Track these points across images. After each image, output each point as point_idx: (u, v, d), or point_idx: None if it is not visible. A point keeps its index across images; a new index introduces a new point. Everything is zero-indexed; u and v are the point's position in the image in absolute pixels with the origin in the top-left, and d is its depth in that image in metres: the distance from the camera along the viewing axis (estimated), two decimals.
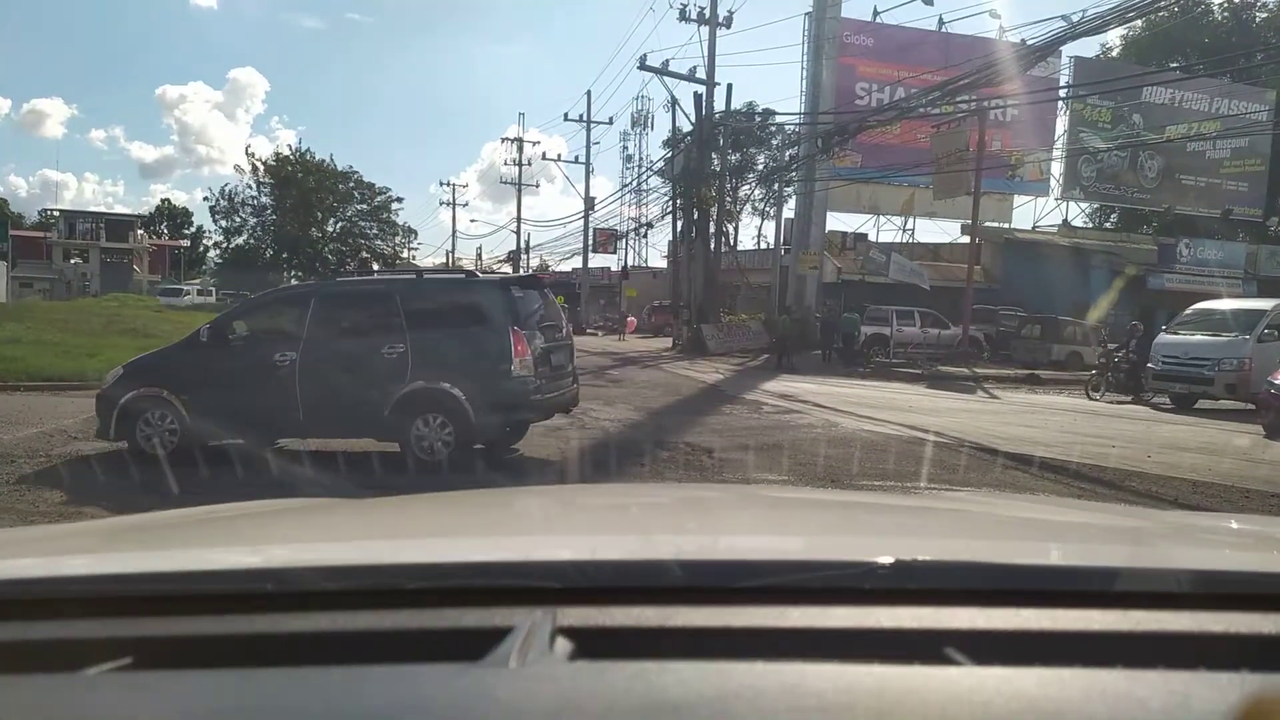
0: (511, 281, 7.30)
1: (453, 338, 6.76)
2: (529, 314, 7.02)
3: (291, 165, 44.34)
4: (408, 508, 1.83)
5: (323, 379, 6.68)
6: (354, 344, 6.84)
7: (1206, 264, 26.75)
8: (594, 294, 46.32)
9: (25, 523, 4.53)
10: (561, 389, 7.35)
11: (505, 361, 6.55)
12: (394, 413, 6.58)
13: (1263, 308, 14.22)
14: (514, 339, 6.58)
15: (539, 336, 6.94)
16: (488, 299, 6.84)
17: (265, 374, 6.73)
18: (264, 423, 6.81)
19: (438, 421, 6.59)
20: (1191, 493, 6.56)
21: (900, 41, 28.06)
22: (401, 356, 6.61)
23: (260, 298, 8.79)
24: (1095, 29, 15.70)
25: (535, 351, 6.73)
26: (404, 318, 6.72)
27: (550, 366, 7.09)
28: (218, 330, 7.20)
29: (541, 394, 6.85)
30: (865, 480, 6.67)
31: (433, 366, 6.59)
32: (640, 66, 27.36)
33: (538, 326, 7.04)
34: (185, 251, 69.60)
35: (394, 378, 6.58)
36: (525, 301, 7.07)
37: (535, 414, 7.10)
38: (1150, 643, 0.79)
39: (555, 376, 7.20)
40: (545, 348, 7.01)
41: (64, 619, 0.83)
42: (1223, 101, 31.67)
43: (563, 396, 7.42)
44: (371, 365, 6.66)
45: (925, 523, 1.53)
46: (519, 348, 6.57)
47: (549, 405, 7.18)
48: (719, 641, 0.78)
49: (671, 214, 30.12)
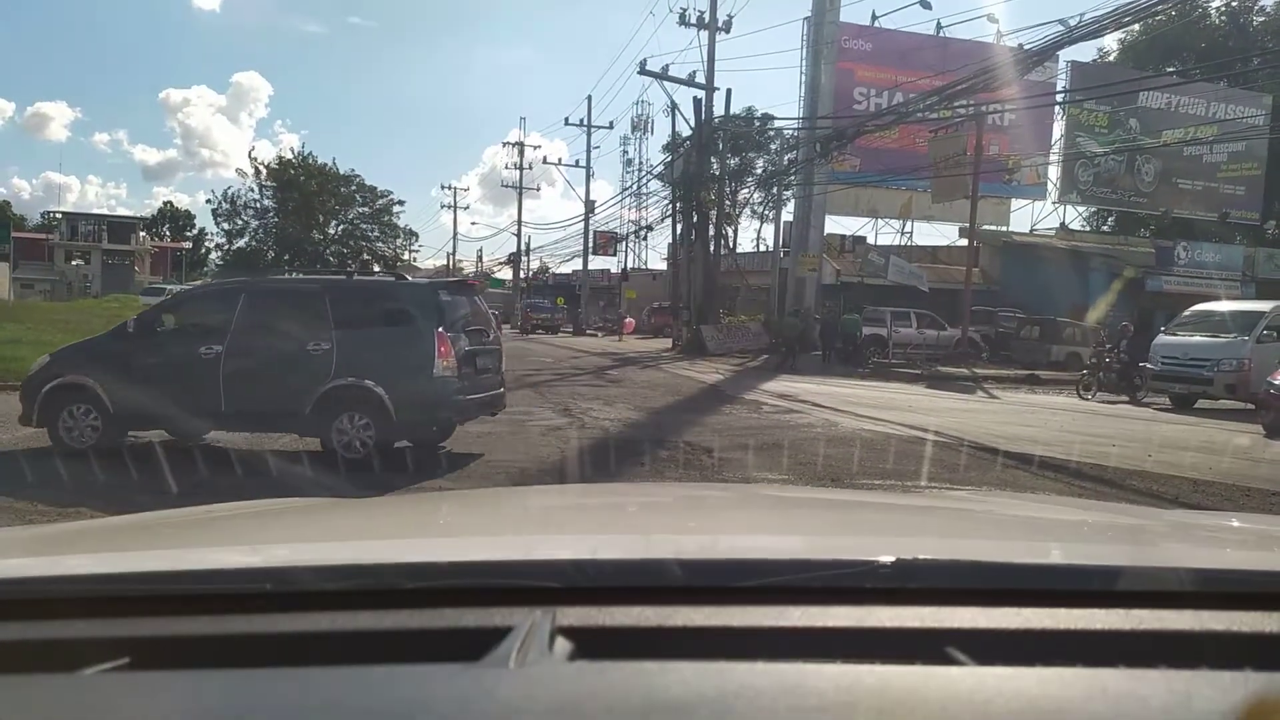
0: (439, 285, 7.47)
1: (378, 338, 6.90)
2: (456, 317, 7.17)
3: (294, 168, 44.38)
4: (407, 508, 1.83)
5: (247, 373, 6.78)
6: (279, 340, 6.93)
7: (1204, 266, 26.77)
8: (594, 295, 46.33)
9: (24, 522, 4.51)
10: (487, 391, 7.49)
11: (428, 363, 6.68)
12: (316, 409, 6.69)
13: (1261, 309, 14.26)
14: (438, 341, 6.72)
15: (464, 339, 7.09)
16: (414, 301, 7.00)
17: (190, 366, 6.84)
18: (187, 414, 6.91)
19: (359, 419, 6.70)
20: (1192, 491, 6.56)
21: (898, 46, 28.08)
22: (326, 354, 6.73)
23: (190, 291, 8.88)
24: (1092, 34, 15.73)
25: (459, 354, 6.88)
26: (331, 317, 6.84)
27: (475, 369, 7.23)
28: (145, 322, 7.35)
29: (464, 395, 6.98)
30: (865, 479, 6.66)
31: (357, 365, 6.71)
32: (640, 71, 27.42)
33: (464, 330, 7.20)
34: (187, 254, 69.63)
35: (318, 375, 6.69)
36: (453, 305, 7.25)
37: (457, 415, 7.23)
38: (1152, 642, 0.79)
39: (480, 379, 7.34)
40: (471, 350, 7.16)
41: (63, 619, 0.82)
42: (1220, 106, 31.68)
43: (488, 398, 7.56)
44: (296, 361, 6.77)
45: (926, 522, 1.53)
46: (442, 349, 6.71)
47: (472, 406, 7.32)
48: (719, 641, 0.77)
49: (671, 217, 30.16)
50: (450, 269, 71.12)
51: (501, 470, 6.69)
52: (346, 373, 6.68)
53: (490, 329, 7.83)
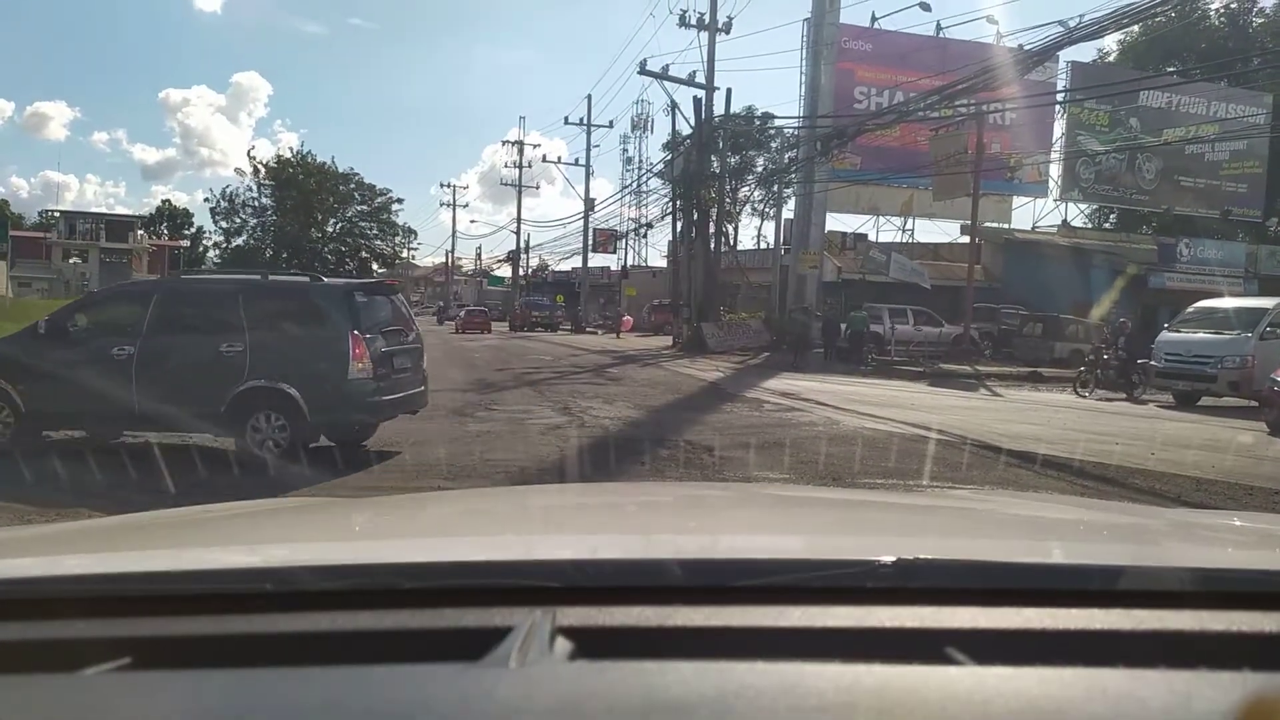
0: (355, 287, 7.49)
1: (292, 339, 6.96)
2: (372, 318, 7.23)
3: (292, 167, 44.41)
4: (407, 507, 1.83)
5: (159, 373, 6.81)
6: (193, 340, 6.98)
7: (1207, 263, 26.77)
8: (594, 293, 46.34)
9: (23, 522, 4.52)
10: (406, 391, 7.52)
11: (342, 364, 6.73)
12: (230, 409, 6.72)
13: (1265, 306, 14.25)
14: (352, 342, 6.76)
15: (381, 340, 7.14)
16: (328, 303, 7.04)
17: (102, 366, 6.86)
18: (100, 413, 6.96)
19: (274, 420, 6.74)
20: (1194, 490, 6.55)
21: (898, 47, 28.06)
22: (240, 355, 6.77)
23: (104, 291, 8.85)
24: (1092, 34, 15.71)
25: (375, 355, 6.92)
26: (245, 318, 6.88)
27: (393, 369, 7.28)
28: (56, 322, 7.37)
29: (380, 396, 7.02)
30: (867, 478, 6.66)
31: (271, 366, 6.76)
32: (640, 71, 27.44)
33: (382, 331, 7.25)
34: (185, 252, 69.70)
35: (231, 375, 6.73)
36: (369, 306, 7.31)
37: (373, 415, 7.28)
38: (1152, 641, 0.78)
39: (398, 379, 7.39)
40: (388, 351, 7.22)
41: (63, 619, 0.82)
42: (1220, 105, 31.65)
43: (408, 399, 7.60)
44: (209, 362, 6.81)
45: (927, 521, 1.53)
46: (357, 351, 6.75)
47: (389, 407, 7.37)
48: (719, 641, 0.77)
49: (671, 214, 30.17)
50: (449, 266, 71.27)
51: (501, 470, 6.69)
52: (260, 374, 6.73)
53: (410, 330, 7.89)
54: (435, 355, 21.15)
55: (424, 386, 7.92)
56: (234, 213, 45.45)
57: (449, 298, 60.53)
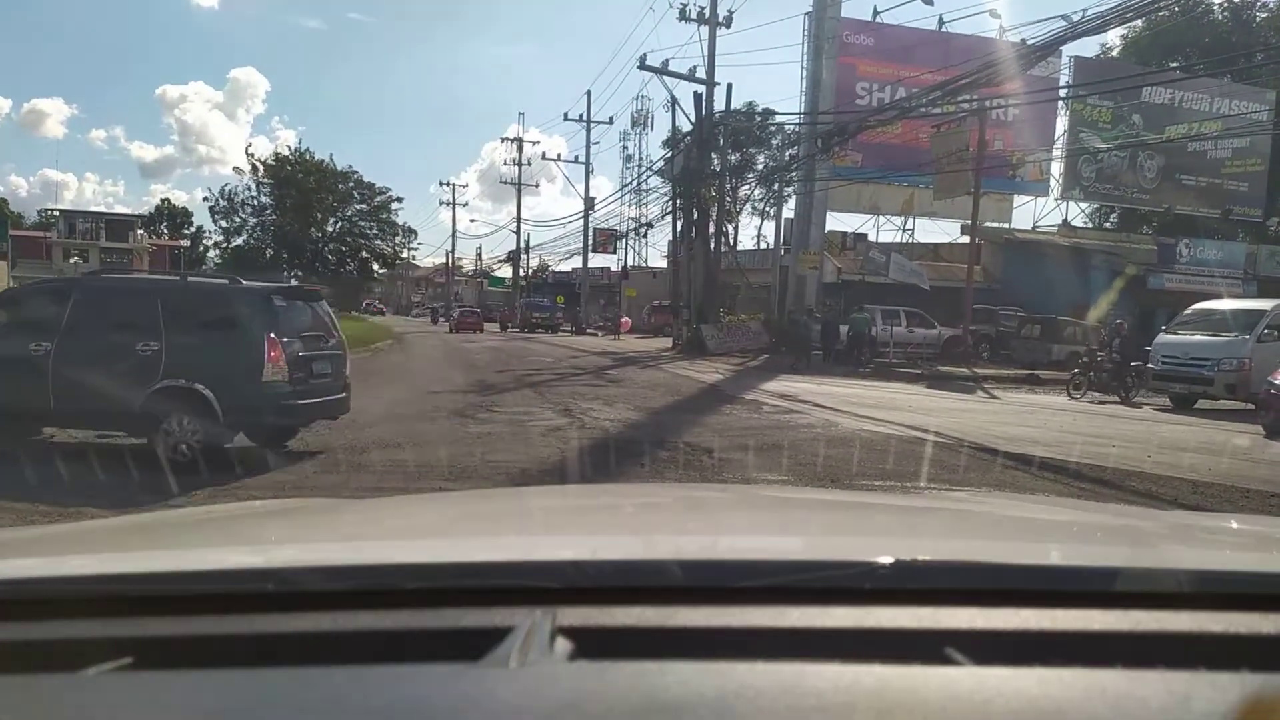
0: (274, 291, 7.52)
1: (208, 341, 6.99)
2: (291, 323, 7.27)
3: (291, 165, 44.35)
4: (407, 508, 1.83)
5: (75, 371, 6.82)
6: (110, 339, 6.98)
7: (1206, 264, 26.76)
8: (594, 294, 46.32)
9: (24, 522, 4.52)
10: (324, 396, 7.55)
11: (257, 367, 6.78)
12: (144, 408, 6.75)
13: (1263, 308, 14.23)
14: (268, 346, 6.81)
15: (299, 345, 7.18)
16: (246, 306, 7.09)
17: (17, 362, 6.89)
18: (15, 409, 6.98)
19: (187, 420, 6.77)
20: (1191, 493, 6.55)
21: (900, 41, 28.06)
22: (155, 355, 6.80)
23: (22, 289, 8.83)
24: (1095, 29, 15.71)
25: (291, 359, 6.97)
26: (162, 318, 6.91)
27: (311, 374, 7.32)
28: None
29: (295, 400, 7.06)
30: (865, 480, 6.66)
31: (186, 367, 6.80)
32: (640, 66, 27.40)
33: (301, 335, 7.29)
34: (185, 251, 69.65)
35: (146, 375, 6.76)
36: (288, 310, 7.36)
37: (287, 418, 7.32)
38: (1150, 642, 0.79)
39: (316, 383, 7.43)
40: (306, 356, 7.26)
41: (64, 619, 0.83)
42: (1223, 101, 31.64)
43: (327, 403, 7.63)
44: (125, 361, 6.82)
45: (925, 523, 1.54)
46: (273, 354, 6.81)
47: (305, 411, 7.41)
48: (719, 641, 0.78)
49: (671, 214, 30.15)
50: (450, 267, 71.21)
51: (502, 471, 6.69)
52: (175, 374, 6.76)
53: (331, 334, 7.91)
54: (436, 357, 21.25)
55: (346, 393, 7.94)
56: (233, 212, 45.39)
57: (449, 298, 60.52)
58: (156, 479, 5.93)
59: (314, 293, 8.40)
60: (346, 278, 48.93)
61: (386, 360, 20.12)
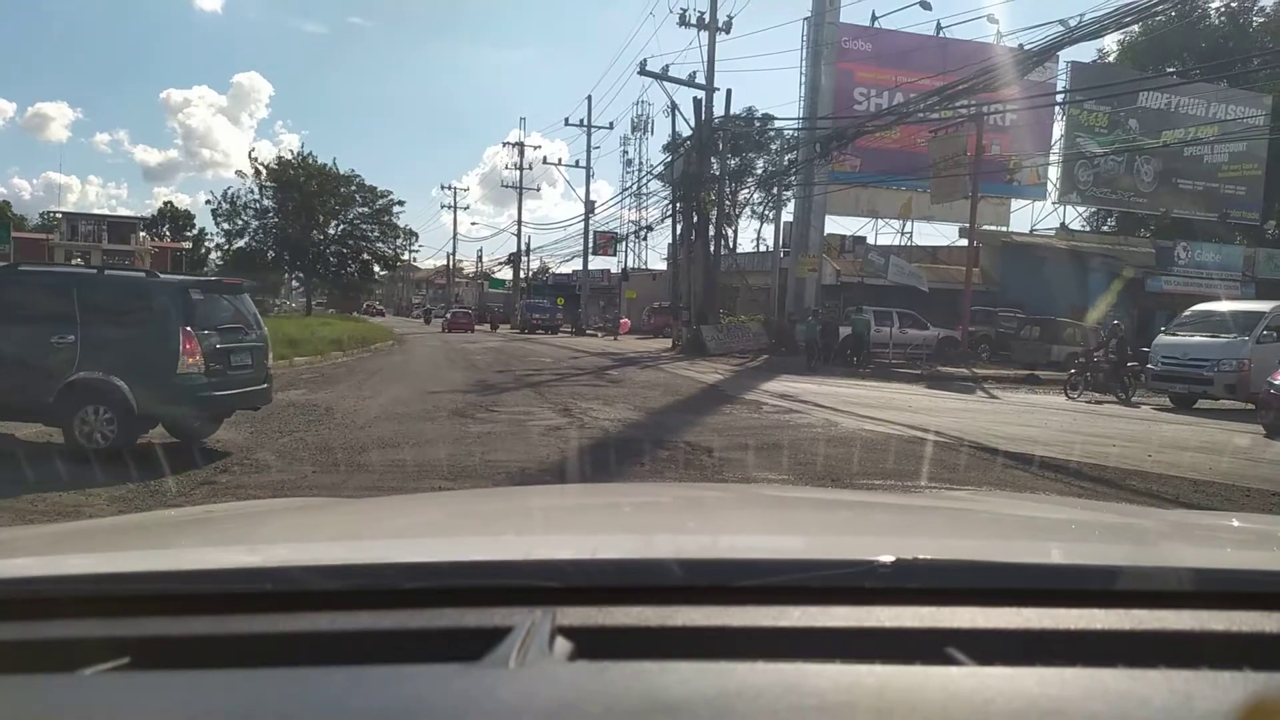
0: (190, 284, 7.57)
1: (124, 333, 7.02)
2: (209, 316, 7.33)
3: (294, 168, 44.30)
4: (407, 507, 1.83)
5: None
6: (24, 330, 7.02)
7: (1204, 266, 26.78)
8: (594, 296, 46.34)
9: (23, 522, 4.51)
10: (243, 388, 7.61)
11: (172, 359, 6.83)
12: (59, 399, 6.79)
13: (1261, 309, 14.27)
14: (184, 339, 6.85)
15: (217, 337, 7.23)
16: (162, 299, 7.12)
17: None
18: None
19: (102, 412, 6.81)
20: (1192, 491, 6.56)
21: (898, 47, 28.08)
22: (70, 346, 6.83)
23: None
24: (1092, 34, 15.72)
25: (208, 351, 7.02)
26: (78, 310, 6.94)
27: (229, 366, 7.39)
28: None
29: (212, 391, 7.12)
30: (865, 479, 6.66)
31: (100, 359, 6.83)
32: (640, 72, 27.43)
33: (219, 329, 7.36)
34: (187, 254, 69.61)
35: (61, 366, 6.80)
36: (206, 304, 7.41)
37: (203, 410, 7.36)
38: (1152, 641, 0.79)
39: (235, 375, 7.49)
40: (225, 348, 7.32)
41: (63, 618, 0.82)
42: (1220, 106, 31.67)
43: (246, 395, 7.70)
44: (39, 352, 6.86)
45: (926, 522, 1.53)
46: (188, 347, 6.86)
47: (222, 403, 7.47)
48: (719, 641, 0.77)
49: (671, 217, 30.17)
50: (450, 269, 71.24)
51: (502, 470, 6.69)
52: (90, 366, 6.80)
53: (252, 328, 7.96)
54: (436, 358, 21.26)
55: (266, 384, 8.02)
56: (235, 214, 45.17)
57: (450, 300, 60.59)
58: (156, 479, 5.93)
59: (236, 286, 8.51)
60: (347, 279, 48.88)
61: (387, 360, 20.13)
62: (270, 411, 9.62)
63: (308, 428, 8.65)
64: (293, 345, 18.04)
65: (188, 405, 7.05)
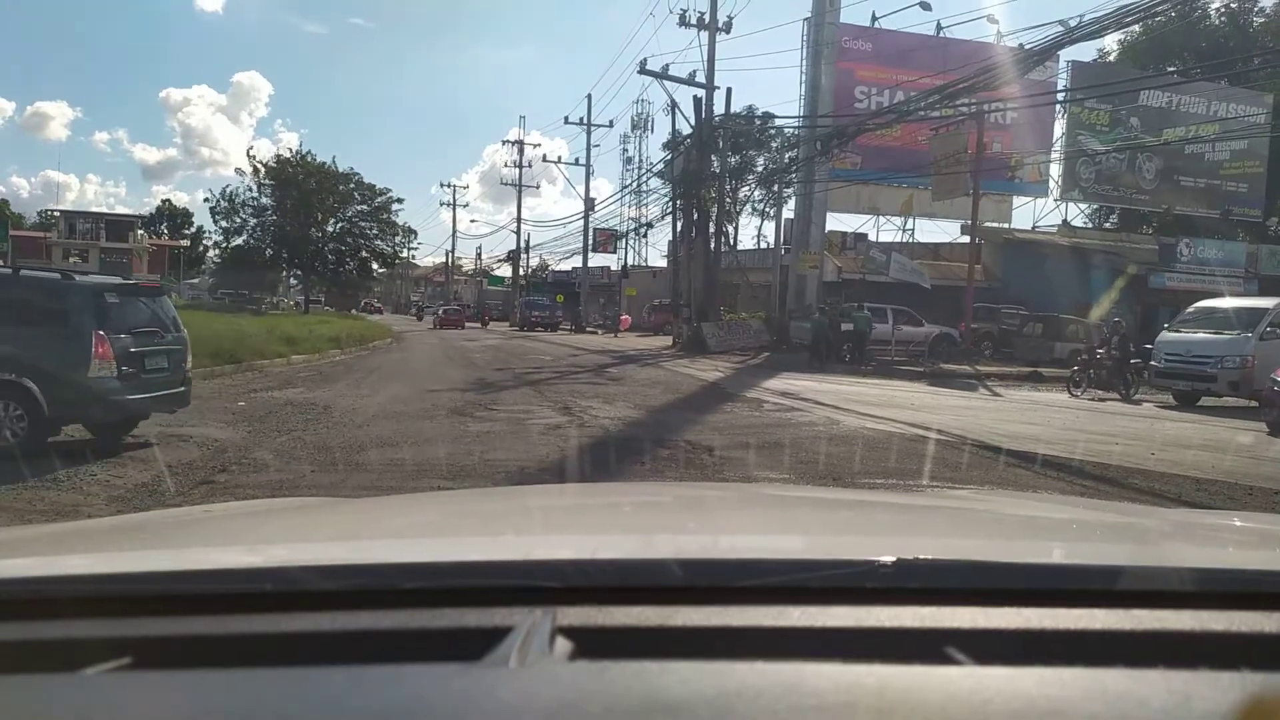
0: (105, 287, 7.57)
1: (34, 333, 7.03)
2: (124, 318, 7.34)
3: (292, 167, 44.28)
4: (407, 507, 1.83)
5: None
6: None
7: (1207, 263, 26.78)
8: (594, 293, 46.33)
9: (22, 522, 4.52)
10: (159, 391, 7.62)
11: (84, 361, 6.84)
12: None
13: (1265, 306, 14.26)
14: (95, 341, 6.86)
15: (131, 340, 7.24)
16: (74, 300, 7.13)
17: None
18: None
19: (13, 410, 6.82)
20: (1195, 490, 6.55)
21: (899, 46, 28.06)
22: None
23: None
24: (1093, 34, 15.70)
25: (121, 353, 7.03)
26: None
27: (143, 369, 7.39)
28: None
29: (125, 394, 7.13)
30: (867, 478, 6.66)
31: (11, 359, 6.84)
32: (641, 70, 27.45)
33: (135, 331, 7.36)
34: (185, 251, 69.65)
35: None
36: (121, 306, 7.42)
37: (115, 413, 7.37)
38: (1152, 642, 0.78)
39: (149, 378, 7.49)
40: (139, 351, 7.32)
41: (63, 619, 0.82)
42: (1220, 105, 31.65)
43: (162, 398, 7.70)
44: None
45: (926, 521, 1.53)
46: (100, 349, 6.87)
47: (135, 405, 7.48)
48: (719, 641, 0.77)
49: (671, 214, 30.18)
50: (449, 266, 71.24)
51: (501, 470, 6.69)
52: (1, 365, 6.81)
53: (170, 330, 7.97)
54: (435, 356, 21.26)
55: (184, 387, 8.03)
56: (234, 212, 45.17)
57: (449, 297, 60.61)
58: (155, 478, 5.93)
59: (154, 289, 8.46)
60: (346, 277, 48.88)
61: (385, 358, 20.15)
62: (268, 410, 9.63)
63: (306, 427, 8.66)
64: (290, 343, 18.04)
65: (99, 406, 7.06)
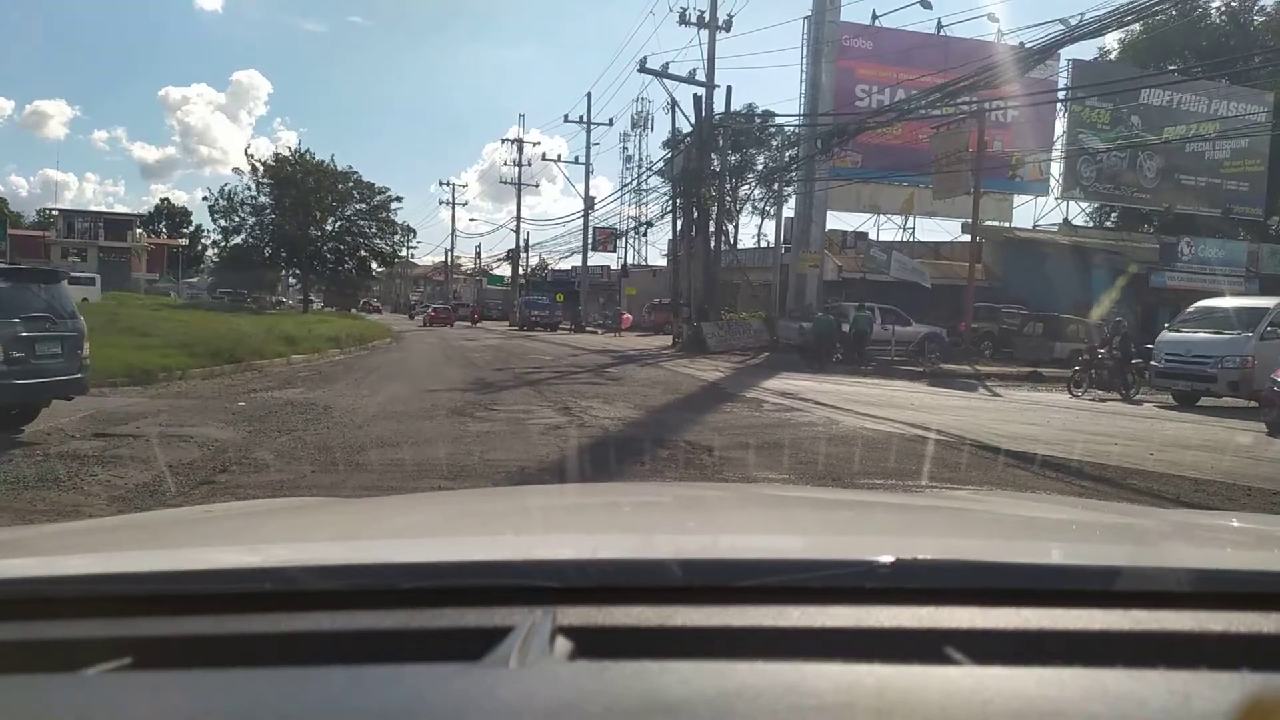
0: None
1: None
2: (13, 304, 7.38)
3: (291, 165, 44.26)
4: (407, 507, 1.83)
5: None
6: None
7: (1208, 262, 26.79)
8: (594, 292, 46.33)
9: (23, 522, 4.51)
10: (51, 377, 7.66)
11: None
12: None
13: (1265, 305, 14.25)
14: None
15: (20, 326, 7.29)
16: None
17: None
18: None
19: None
20: (1194, 491, 6.55)
21: (899, 45, 28.06)
22: None
23: None
24: (1093, 32, 15.75)
25: (8, 339, 7.09)
26: None
27: (33, 355, 7.45)
28: None
29: (13, 380, 7.17)
30: (866, 479, 6.66)
31: None
32: (640, 69, 27.45)
33: (24, 317, 7.41)
34: (183, 250, 69.63)
35: None
36: (10, 292, 7.46)
37: (3, 398, 7.38)
38: (1151, 642, 0.79)
39: (41, 365, 7.54)
40: (28, 337, 7.38)
41: (63, 619, 0.83)
42: (1221, 104, 31.66)
43: (53, 384, 7.74)
44: None
45: (926, 521, 1.53)
46: None
47: (26, 391, 7.51)
48: (719, 641, 0.78)
49: (671, 213, 30.18)
50: (449, 265, 71.23)
51: (501, 470, 6.69)
52: None
53: (64, 318, 7.99)
54: (434, 355, 21.25)
55: (80, 374, 8.05)
56: (232, 211, 45.16)
57: (448, 296, 60.64)
58: (155, 479, 5.93)
59: (51, 274, 8.45)
60: (345, 276, 48.87)
61: (384, 358, 20.13)
62: (269, 410, 9.62)
63: (306, 427, 8.65)
64: (290, 343, 18.02)
65: None
